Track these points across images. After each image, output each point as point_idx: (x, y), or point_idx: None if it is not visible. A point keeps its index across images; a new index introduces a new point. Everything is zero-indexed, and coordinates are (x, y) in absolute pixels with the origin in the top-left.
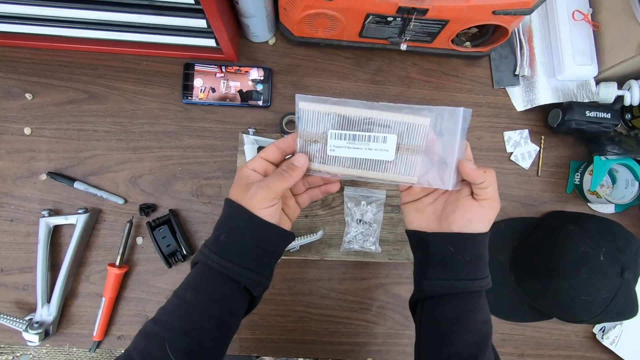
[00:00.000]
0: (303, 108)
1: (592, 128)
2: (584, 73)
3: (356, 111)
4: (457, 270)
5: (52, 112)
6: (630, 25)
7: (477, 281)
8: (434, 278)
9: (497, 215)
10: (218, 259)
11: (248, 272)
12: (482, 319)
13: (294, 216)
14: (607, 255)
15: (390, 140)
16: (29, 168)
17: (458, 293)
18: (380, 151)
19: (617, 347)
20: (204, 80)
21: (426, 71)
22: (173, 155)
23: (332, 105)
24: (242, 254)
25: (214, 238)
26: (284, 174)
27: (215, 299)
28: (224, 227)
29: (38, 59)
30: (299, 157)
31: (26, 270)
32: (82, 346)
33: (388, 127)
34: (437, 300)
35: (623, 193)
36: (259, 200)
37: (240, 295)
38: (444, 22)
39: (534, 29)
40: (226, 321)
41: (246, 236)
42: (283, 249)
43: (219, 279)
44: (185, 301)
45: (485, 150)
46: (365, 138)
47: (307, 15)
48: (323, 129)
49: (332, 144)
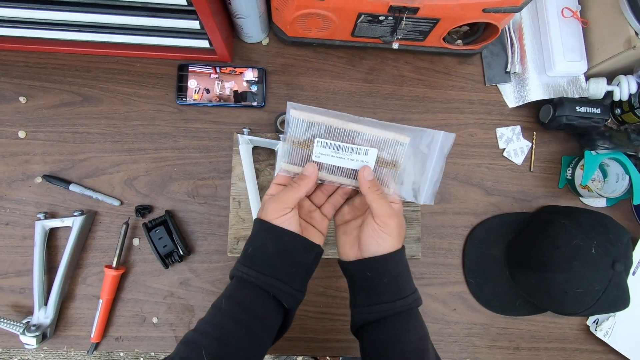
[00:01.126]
0: (294, 116)
1: (583, 123)
2: (574, 69)
3: (343, 123)
4: (379, 293)
5: (46, 115)
6: (618, 21)
7: (401, 301)
8: (361, 305)
9: (491, 210)
10: (247, 270)
11: (275, 281)
12: (417, 336)
13: (323, 227)
14: (599, 248)
15: (371, 153)
16: (24, 171)
17: (386, 317)
18: (361, 162)
19: (611, 338)
20: (198, 82)
21: (419, 69)
22: (168, 156)
23: (321, 116)
24: (267, 264)
25: (244, 252)
26: (293, 185)
27: (247, 308)
28: (251, 242)
29: (31, 62)
30: (308, 167)
31: (23, 274)
32: (80, 348)
33: (370, 141)
34: (371, 326)
35: (614, 187)
36: (272, 211)
37: (272, 307)
38: (435, 21)
39: (524, 26)
40: (257, 332)
41: (269, 245)
42: (310, 260)
43: (250, 289)
44: (220, 310)
45: (478, 146)
46: (348, 149)
47: (299, 15)
48: (310, 136)
49: (318, 151)
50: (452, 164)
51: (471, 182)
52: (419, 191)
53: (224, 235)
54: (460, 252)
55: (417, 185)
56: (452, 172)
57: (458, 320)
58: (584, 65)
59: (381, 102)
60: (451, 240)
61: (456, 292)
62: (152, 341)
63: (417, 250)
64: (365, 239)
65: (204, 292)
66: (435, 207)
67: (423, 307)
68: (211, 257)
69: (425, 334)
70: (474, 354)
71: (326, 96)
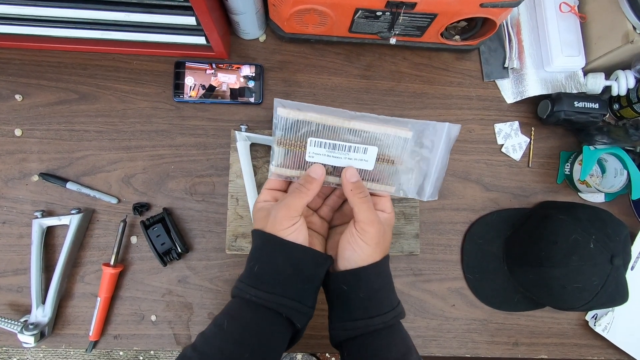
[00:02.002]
0: (282, 115)
1: (581, 118)
2: (572, 64)
3: (337, 121)
4: (354, 309)
5: (43, 113)
6: (616, 16)
7: (379, 317)
8: (336, 321)
9: (490, 206)
10: (256, 292)
11: (288, 301)
12: (400, 353)
13: (324, 231)
14: (597, 243)
15: (371, 151)
16: (20, 169)
17: (364, 334)
18: (360, 161)
19: (609, 333)
20: (194, 78)
21: (417, 65)
22: (166, 153)
23: (313, 113)
24: (279, 283)
25: (248, 271)
26: (301, 189)
27: (252, 331)
28: (256, 259)
29: (27, 60)
30: (316, 169)
31: (20, 272)
32: (78, 347)
33: (368, 138)
34: (349, 343)
35: (612, 182)
36: (280, 220)
37: (281, 326)
38: (433, 16)
39: (522, 21)
40: (261, 355)
41: (280, 263)
42: (322, 273)
43: (257, 311)
44: (222, 330)
45: (476, 142)
46: (345, 148)
47: (296, 11)
48: (302, 135)
49: (312, 151)
50: (451, 159)
51: (469, 178)
52: (423, 187)
53: (222, 233)
54: (459, 248)
55: (421, 182)
56: (450, 168)
57: (457, 316)
58: (582, 60)
59: (379, 99)
60: (449, 236)
61: (455, 288)
62: (151, 339)
63: (416, 247)
64: (342, 244)
65: (203, 289)
66: (433, 203)
67: (422, 303)
68: (209, 254)
69: (409, 348)
70: (473, 350)
71: (324, 93)
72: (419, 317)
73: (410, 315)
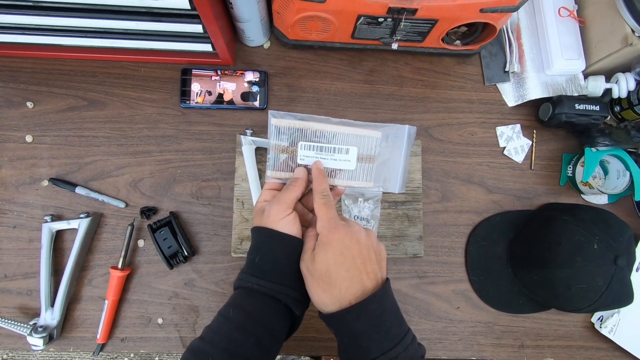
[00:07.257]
0: (275, 124)
1: (582, 121)
2: (572, 67)
3: (321, 126)
4: (343, 352)
5: (53, 120)
6: (615, 19)
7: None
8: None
9: (493, 208)
10: (257, 280)
11: (287, 289)
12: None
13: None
14: (601, 244)
15: (352, 151)
16: (31, 175)
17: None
18: (344, 161)
19: (616, 335)
20: (200, 85)
21: (418, 70)
22: (172, 158)
23: (300, 121)
24: (278, 272)
25: (249, 263)
26: (289, 186)
27: (255, 318)
28: (256, 251)
29: (38, 68)
30: (299, 170)
31: (30, 276)
32: (86, 349)
33: (349, 141)
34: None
35: (615, 183)
36: (274, 214)
37: (281, 314)
38: (434, 22)
39: (522, 26)
40: (265, 341)
41: (278, 253)
42: None
43: (259, 299)
44: (228, 319)
45: (479, 145)
46: (330, 149)
47: (300, 18)
48: (294, 141)
49: (302, 154)
50: (453, 162)
51: (472, 181)
52: (396, 181)
53: (227, 236)
54: (463, 250)
55: (394, 176)
56: (453, 171)
57: (462, 318)
58: (582, 63)
59: (382, 103)
60: (453, 239)
61: (459, 290)
62: (158, 342)
63: (420, 249)
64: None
65: (209, 292)
66: (437, 205)
67: (427, 306)
68: (215, 257)
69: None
70: (479, 352)
71: (327, 98)
72: (424, 320)
73: (415, 318)
